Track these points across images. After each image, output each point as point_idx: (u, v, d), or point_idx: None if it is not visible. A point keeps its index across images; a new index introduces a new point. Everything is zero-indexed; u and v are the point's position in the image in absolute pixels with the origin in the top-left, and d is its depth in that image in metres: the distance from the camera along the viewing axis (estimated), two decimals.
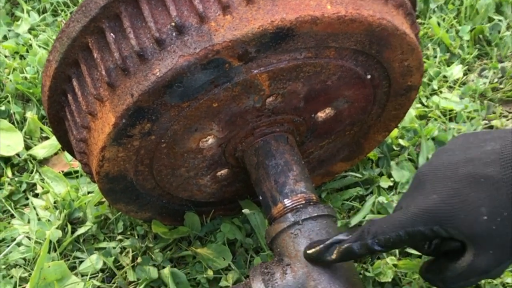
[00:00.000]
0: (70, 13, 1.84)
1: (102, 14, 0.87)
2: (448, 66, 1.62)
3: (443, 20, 1.73)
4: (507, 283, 1.17)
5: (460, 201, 0.81)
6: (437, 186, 0.84)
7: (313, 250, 0.93)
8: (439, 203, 0.82)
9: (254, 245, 1.23)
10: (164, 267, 1.20)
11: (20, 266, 1.22)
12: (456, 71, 1.60)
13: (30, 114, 1.50)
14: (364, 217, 1.28)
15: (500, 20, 1.71)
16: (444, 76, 1.59)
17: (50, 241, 1.22)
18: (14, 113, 1.51)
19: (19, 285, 1.18)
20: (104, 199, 1.28)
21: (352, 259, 0.92)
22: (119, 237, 1.27)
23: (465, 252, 0.84)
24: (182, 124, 0.95)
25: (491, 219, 0.79)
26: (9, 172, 1.41)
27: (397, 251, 1.21)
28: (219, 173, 1.13)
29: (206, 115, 0.96)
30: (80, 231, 1.27)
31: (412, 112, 1.48)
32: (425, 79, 1.58)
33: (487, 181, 0.80)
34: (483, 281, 1.16)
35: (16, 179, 1.39)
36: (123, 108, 0.87)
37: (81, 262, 1.23)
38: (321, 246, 0.92)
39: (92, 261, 1.21)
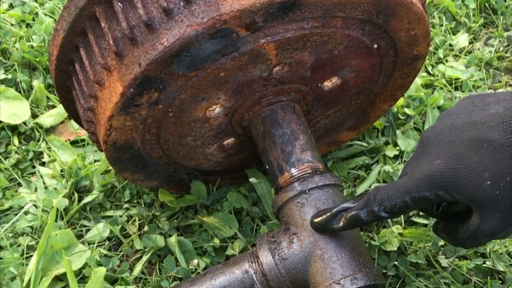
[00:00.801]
0: None
1: None
2: (454, 34, 1.62)
3: None
4: None
5: (464, 166, 0.81)
6: (441, 151, 0.84)
7: (319, 218, 0.93)
8: (443, 168, 0.82)
9: (260, 214, 1.24)
10: (170, 236, 1.20)
11: (27, 235, 1.22)
12: (462, 39, 1.59)
13: (37, 83, 1.50)
14: (369, 186, 1.28)
15: None
16: (450, 45, 1.59)
17: (57, 210, 1.22)
18: (20, 81, 1.51)
19: (26, 253, 1.18)
20: (110, 168, 1.28)
21: (359, 226, 0.93)
22: (126, 205, 1.27)
23: (472, 215, 0.84)
24: (189, 94, 0.95)
25: (495, 184, 0.79)
26: (16, 141, 1.41)
27: (402, 220, 1.21)
28: (225, 142, 1.14)
29: (213, 85, 0.96)
30: (87, 199, 1.27)
31: (418, 81, 1.47)
32: (431, 48, 1.57)
33: (490, 145, 0.79)
34: (488, 250, 1.17)
35: (23, 147, 1.39)
36: (130, 77, 0.87)
37: (88, 230, 1.24)
38: (328, 214, 0.92)
39: (99, 230, 1.22)
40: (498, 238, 0.87)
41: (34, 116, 1.47)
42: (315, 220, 0.94)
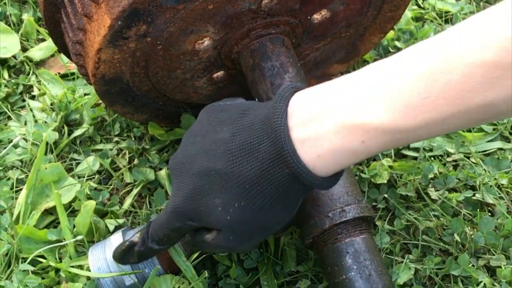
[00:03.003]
0: None
1: None
2: None
3: None
4: (502, 184, 1.19)
5: (199, 195, 0.84)
6: (181, 182, 0.87)
7: (117, 254, 0.97)
8: (183, 200, 0.86)
9: None
10: (160, 169, 1.21)
11: (17, 168, 1.23)
12: None
13: (27, 16, 1.49)
14: None
15: None
16: None
17: (47, 143, 1.22)
18: (10, 15, 1.50)
19: (16, 187, 1.19)
20: (100, 101, 1.28)
21: (151, 256, 0.97)
22: (116, 139, 1.27)
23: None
24: (177, 26, 0.95)
25: (225, 210, 0.82)
26: (5, 74, 1.40)
27: (392, 153, 1.22)
28: (215, 75, 1.13)
29: (202, 17, 0.95)
30: (77, 133, 1.27)
31: (408, 14, 1.47)
32: None
33: (217, 174, 0.82)
34: (478, 182, 1.18)
35: (13, 81, 1.38)
36: (118, 10, 0.87)
37: (77, 164, 1.24)
38: (120, 252, 0.96)
39: (89, 163, 1.22)
40: (238, 252, 1.02)
41: (24, 49, 1.46)
42: (114, 256, 0.97)
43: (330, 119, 0.75)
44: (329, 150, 0.76)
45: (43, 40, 1.49)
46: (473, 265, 1.08)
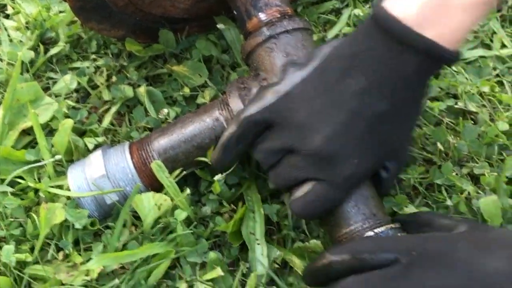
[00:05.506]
0: None
1: None
2: None
3: None
4: (484, 92, 1.18)
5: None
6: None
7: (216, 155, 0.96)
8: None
9: (230, 61, 1.22)
10: (139, 86, 1.19)
11: None
12: None
13: None
14: (340, 30, 1.27)
15: None
16: None
17: (22, 62, 1.20)
18: None
19: None
20: (76, 19, 1.25)
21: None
22: (93, 56, 1.25)
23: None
24: None
25: None
26: None
27: None
28: None
29: None
30: (53, 51, 1.24)
31: None
32: None
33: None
34: (460, 91, 1.17)
35: None
36: None
37: (54, 83, 1.22)
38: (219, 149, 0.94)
39: (66, 81, 1.20)
40: None
41: None
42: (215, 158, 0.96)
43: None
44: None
45: None
46: (456, 174, 1.07)
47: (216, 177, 0.98)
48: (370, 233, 0.84)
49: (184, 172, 1.00)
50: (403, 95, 0.82)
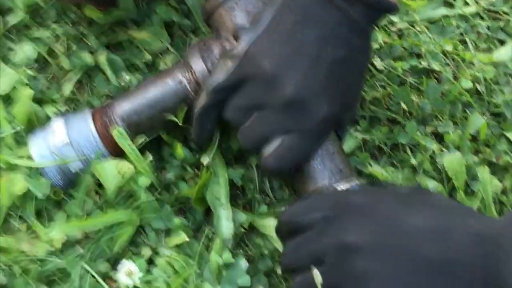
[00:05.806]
0: None
1: None
2: None
3: None
4: (447, 50, 1.18)
5: None
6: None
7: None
8: None
9: (192, 26, 1.21)
10: (100, 54, 1.17)
11: None
12: None
13: None
14: None
15: None
16: None
17: None
18: None
19: None
20: None
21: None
22: (53, 26, 1.23)
23: None
24: None
25: None
26: None
27: None
28: None
29: None
30: (12, 21, 1.22)
31: None
32: None
33: None
34: (423, 50, 1.17)
35: None
36: None
37: (14, 53, 1.20)
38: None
39: (26, 51, 1.18)
40: None
41: None
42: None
43: None
44: None
45: None
46: (421, 133, 1.07)
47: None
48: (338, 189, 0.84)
49: (147, 139, 0.99)
50: (356, 43, 0.84)
